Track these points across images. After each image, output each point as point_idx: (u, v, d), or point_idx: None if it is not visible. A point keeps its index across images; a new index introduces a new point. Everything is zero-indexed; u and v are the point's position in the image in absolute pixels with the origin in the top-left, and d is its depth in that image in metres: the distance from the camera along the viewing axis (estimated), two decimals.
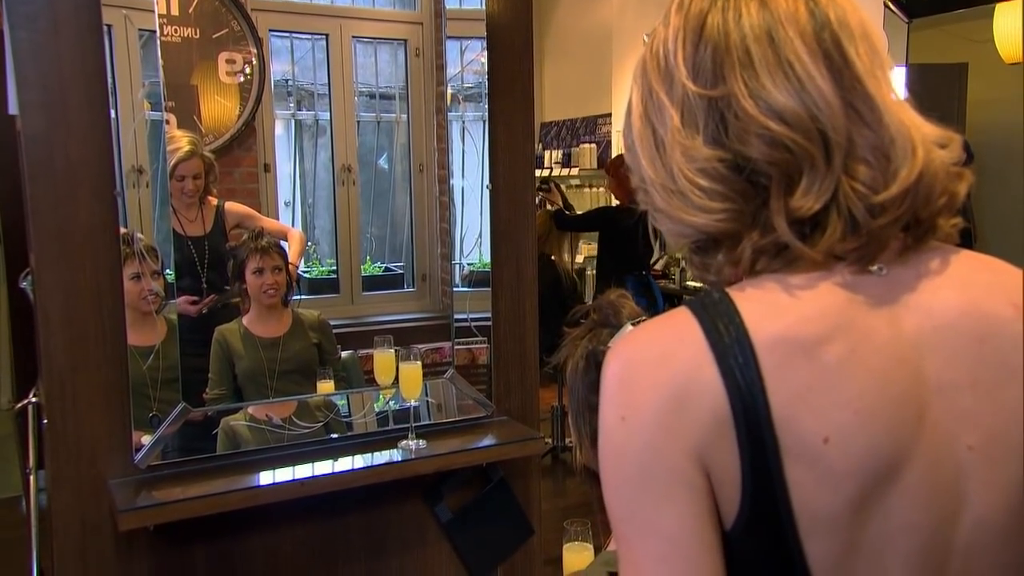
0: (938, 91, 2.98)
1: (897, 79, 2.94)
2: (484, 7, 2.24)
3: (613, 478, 0.59)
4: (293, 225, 3.49)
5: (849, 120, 0.58)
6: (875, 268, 0.60)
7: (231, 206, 2.50)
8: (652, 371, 0.58)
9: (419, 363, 1.99)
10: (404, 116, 3.47)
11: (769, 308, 0.59)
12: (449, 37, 2.42)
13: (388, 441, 1.98)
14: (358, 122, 3.30)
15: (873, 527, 0.58)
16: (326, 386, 2.33)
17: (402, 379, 1.98)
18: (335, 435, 2.03)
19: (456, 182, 2.47)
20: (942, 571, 0.60)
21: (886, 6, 3.01)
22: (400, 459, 1.88)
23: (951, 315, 0.60)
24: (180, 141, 2.30)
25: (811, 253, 0.59)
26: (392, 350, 2.08)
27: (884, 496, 0.58)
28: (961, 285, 0.62)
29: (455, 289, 2.43)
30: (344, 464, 1.86)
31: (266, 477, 1.82)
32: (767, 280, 0.61)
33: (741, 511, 0.57)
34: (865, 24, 0.63)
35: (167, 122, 2.02)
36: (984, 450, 0.59)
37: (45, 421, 1.80)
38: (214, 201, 2.44)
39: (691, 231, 0.63)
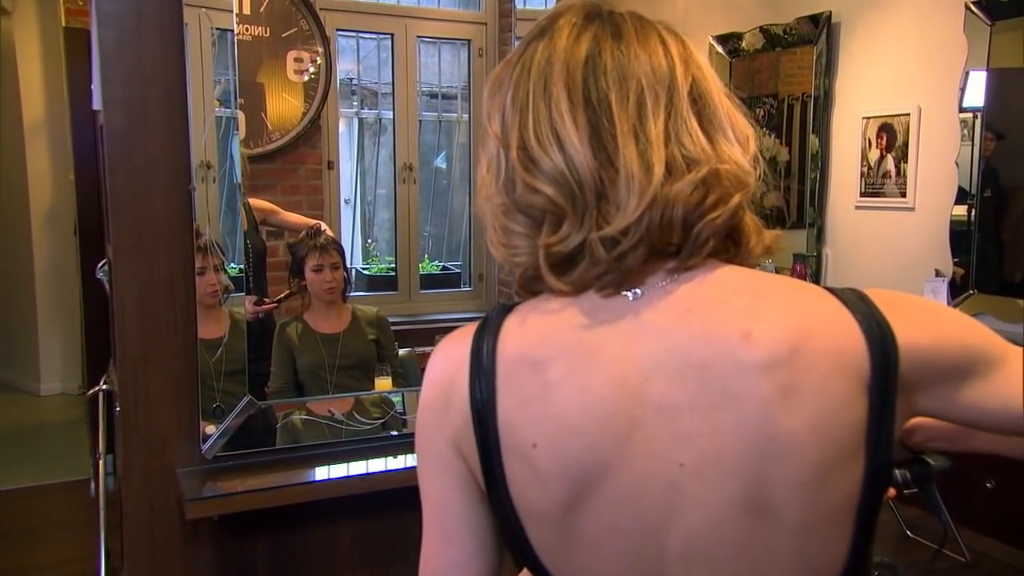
0: (1021, 96, 2.86)
1: (976, 83, 2.83)
2: (553, 8, 2.21)
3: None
4: (354, 223, 3.53)
5: (601, 166, 0.63)
6: (627, 293, 0.65)
7: (255, 202, 2.50)
8: (437, 368, 0.70)
9: None
10: (465, 116, 3.48)
11: (519, 327, 0.67)
12: (518, 37, 2.40)
13: None
14: (420, 121, 3.32)
15: (585, 524, 0.64)
16: (384, 382, 2.34)
17: None
18: (394, 432, 2.04)
19: None
20: (660, 574, 0.64)
21: (967, 8, 2.89)
22: None
23: (683, 339, 0.62)
24: None
25: (558, 285, 0.65)
26: None
27: (590, 500, 0.63)
28: (707, 309, 0.63)
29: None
30: (408, 461, 1.87)
31: (327, 472, 1.83)
32: (538, 300, 0.68)
33: (486, 494, 0.68)
34: (656, 52, 0.66)
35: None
36: (696, 469, 0.62)
37: (117, 408, 1.84)
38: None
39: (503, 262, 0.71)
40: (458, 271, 3.46)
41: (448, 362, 0.69)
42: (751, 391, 0.60)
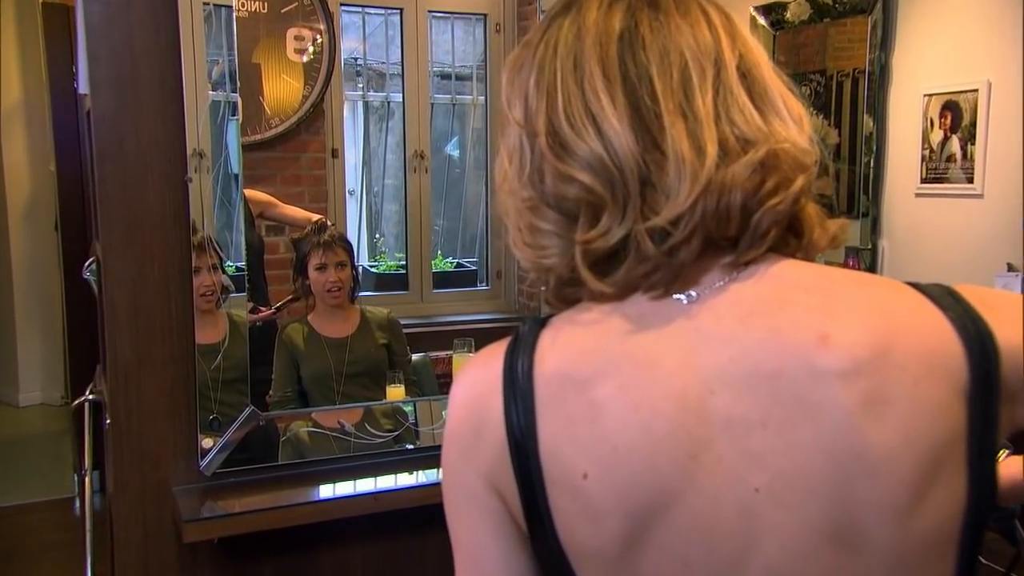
0: None
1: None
2: None
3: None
4: (360, 217, 3.53)
5: (644, 149, 0.61)
6: (680, 296, 0.63)
7: (250, 194, 2.48)
8: (462, 394, 0.68)
9: None
10: (481, 98, 3.47)
11: (558, 342, 0.65)
12: (543, 10, 2.39)
13: None
14: (431, 104, 3.31)
15: (647, 563, 0.61)
16: (396, 391, 2.34)
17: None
18: (408, 446, 2.03)
19: None
20: None
21: None
22: None
23: (749, 345, 0.60)
24: None
25: (600, 287, 0.63)
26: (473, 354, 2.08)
27: (652, 534, 0.61)
28: (774, 310, 0.61)
29: (543, 289, 2.40)
30: (422, 478, 1.86)
31: (337, 489, 1.83)
32: (576, 311, 0.66)
33: (528, 535, 0.65)
34: (699, 23, 0.65)
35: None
36: (773, 492, 0.59)
37: (107, 420, 1.85)
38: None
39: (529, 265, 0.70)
40: (474, 268, 3.45)
41: (476, 386, 0.67)
42: (832, 402, 0.58)
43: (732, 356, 0.61)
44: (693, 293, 0.63)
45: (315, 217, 2.65)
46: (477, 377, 0.68)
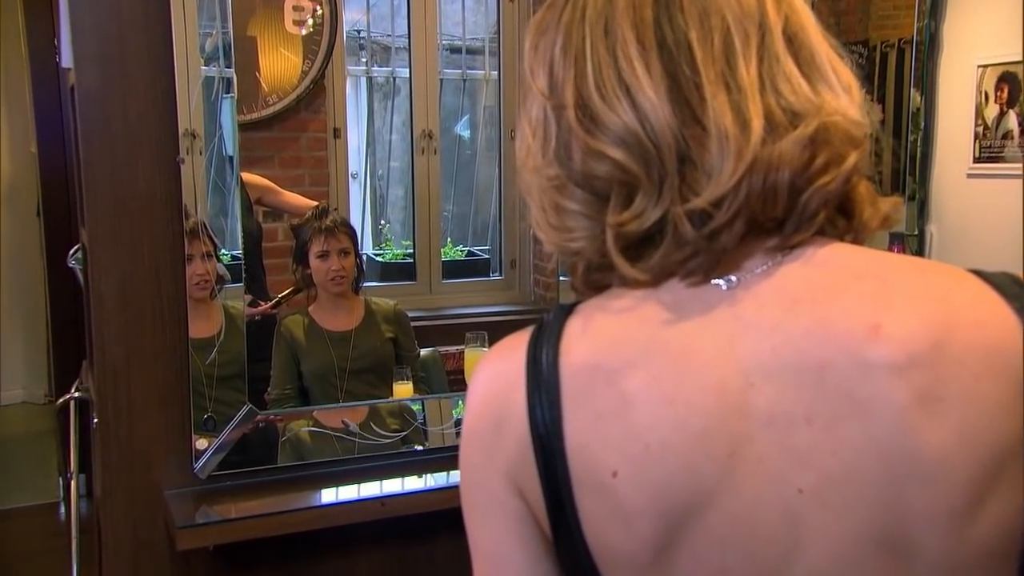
0: None
1: None
2: None
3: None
4: (364, 202, 3.53)
5: (683, 123, 0.61)
6: (719, 281, 0.62)
7: (248, 178, 2.47)
8: (482, 387, 0.68)
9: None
10: (494, 73, 3.46)
11: (585, 331, 0.65)
12: None
13: None
14: (440, 80, 3.31)
15: (681, 569, 0.61)
16: (403, 388, 2.34)
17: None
18: (416, 447, 2.04)
19: None
20: None
21: None
22: None
23: (794, 335, 0.60)
24: None
25: (633, 273, 0.62)
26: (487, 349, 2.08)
27: (687, 537, 0.61)
28: (822, 298, 0.61)
29: (562, 279, 2.40)
30: (431, 481, 1.87)
31: (341, 494, 1.84)
32: (606, 297, 0.66)
33: (552, 539, 0.65)
34: None
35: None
36: (818, 494, 0.59)
37: (94, 420, 1.86)
38: None
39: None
40: (486, 257, 3.45)
41: (497, 379, 0.67)
42: (883, 398, 0.58)
43: (775, 346, 0.60)
44: (733, 278, 0.63)
45: (316, 205, 2.65)
46: (498, 369, 0.67)
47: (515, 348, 0.67)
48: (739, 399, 0.60)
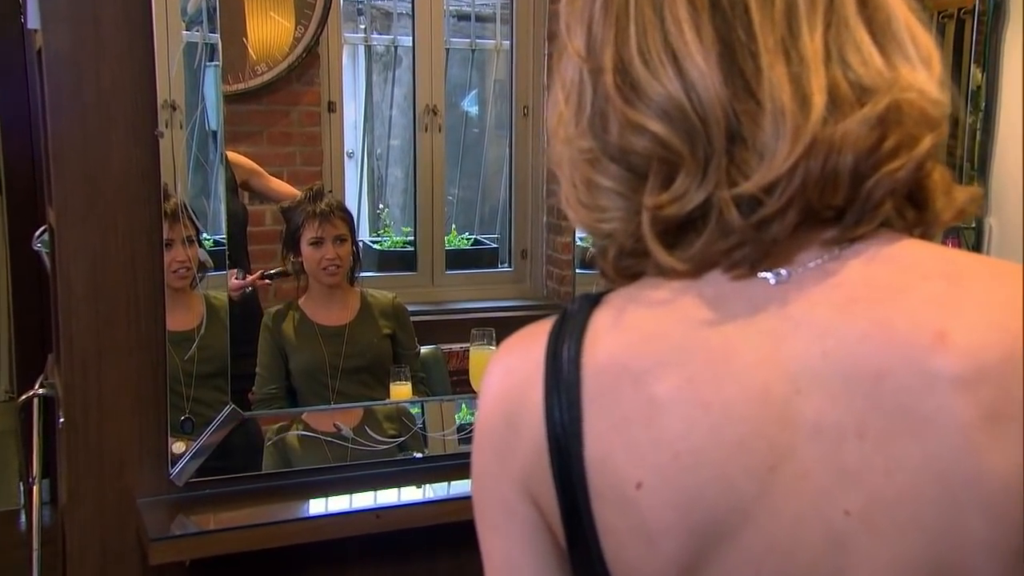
0: None
1: None
2: None
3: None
4: (360, 184, 3.53)
5: (735, 96, 0.59)
6: (767, 274, 0.61)
7: (234, 157, 2.49)
8: (496, 384, 0.67)
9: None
10: (506, 43, 3.46)
11: (615, 325, 0.64)
12: None
13: None
14: (446, 50, 3.30)
15: None
16: (402, 390, 2.35)
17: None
18: (417, 454, 2.04)
19: None
20: None
21: None
22: None
23: (849, 338, 0.59)
24: None
25: (671, 262, 0.61)
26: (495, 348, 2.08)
27: (718, 559, 0.60)
28: (883, 298, 0.59)
29: (578, 272, 2.40)
30: (431, 492, 1.87)
31: (331, 504, 1.85)
32: (639, 287, 0.65)
33: (568, 552, 0.64)
34: None
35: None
36: (867, 518, 0.58)
37: (60, 419, 1.86)
38: None
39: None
40: (494, 246, 3.45)
41: (512, 374, 0.67)
42: (946, 414, 0.56)
43: (826, 350, 0.59)
44: (783, 272, 0.61)
45: (311, 186, 2.65)
46: (513, 364, 0.67)
47: (534, 341, 0.66)
48: (783, 407, 0.59)
